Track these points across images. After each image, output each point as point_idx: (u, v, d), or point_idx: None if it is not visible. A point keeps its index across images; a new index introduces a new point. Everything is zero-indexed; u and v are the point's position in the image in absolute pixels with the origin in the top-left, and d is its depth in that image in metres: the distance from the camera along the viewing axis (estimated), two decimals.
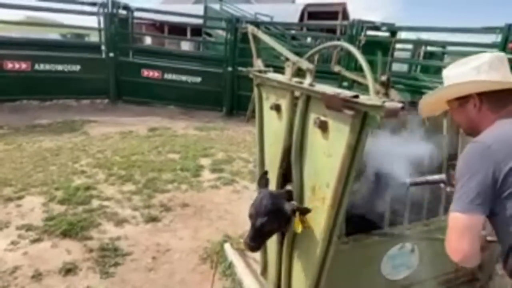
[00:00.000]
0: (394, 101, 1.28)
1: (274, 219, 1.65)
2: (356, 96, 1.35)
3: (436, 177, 1.65)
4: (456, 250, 1.14)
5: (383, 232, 2.04)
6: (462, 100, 1.30)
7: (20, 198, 3.68)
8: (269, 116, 2.08)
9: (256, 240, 1.68)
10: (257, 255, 2.59)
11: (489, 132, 1.22)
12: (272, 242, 2.18)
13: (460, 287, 2.42)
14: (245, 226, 3.26)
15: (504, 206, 1.13)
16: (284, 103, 1.87)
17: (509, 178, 1.11)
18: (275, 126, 2.00)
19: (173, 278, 2.69)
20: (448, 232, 1.17)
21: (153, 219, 3.47)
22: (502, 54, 1.31)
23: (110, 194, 3.92)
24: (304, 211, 1.65)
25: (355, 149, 1.46)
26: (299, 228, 1.66)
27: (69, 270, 2.66)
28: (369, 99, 1.33)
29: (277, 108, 1.96)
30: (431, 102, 1.41)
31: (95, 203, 3.69)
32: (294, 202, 1.74)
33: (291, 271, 2.01)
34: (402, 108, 1.24)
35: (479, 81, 1.24)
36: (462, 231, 1.14)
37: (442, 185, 1.74)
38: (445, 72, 1.36)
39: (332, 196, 1.57)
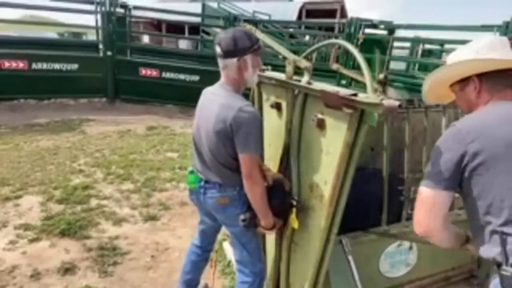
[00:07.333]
0: (392, 99, 1.29)
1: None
2: (355, 95, 1.36)
3: None
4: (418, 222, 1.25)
5: (381, 229, 2.05)
6: (463, 83, 1.28)
7: (18, 197, 3.68)
8: (269, 114, 2.08)
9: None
10: None
11: (470, 116, 1.25)
12: (270, 240, 2.19)
13: (458, 284, 2.43)
14: None
15: (469, 188, 1.18)
16: (285, 102, 1.87)
17: (475, 160, 1.14)
18: (275, 124, 2.00)
19: (172, 277, 2.68)
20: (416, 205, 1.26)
21: (152, 218, 3.47)
22: (505, 38, 1.28)
23: (108, 193, 3.92)
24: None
25: (352, 147, 1.46)
26: (295, 224, 1.76)
27: (67, 269, 2.67)
28: (367, 97, 1.34)
29: (277, 106, 1.96)
30: (434, 87, 1.39)
31: (93, 202, 3.69)
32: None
33: (290, 269, 2.01)
34: (399, 106, 1.24)
35: (476, 59, 1.22)
36: (427, 206, 1.22)
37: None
38: (447, 59, 1.35)
39: (330, 193, 1.57)
